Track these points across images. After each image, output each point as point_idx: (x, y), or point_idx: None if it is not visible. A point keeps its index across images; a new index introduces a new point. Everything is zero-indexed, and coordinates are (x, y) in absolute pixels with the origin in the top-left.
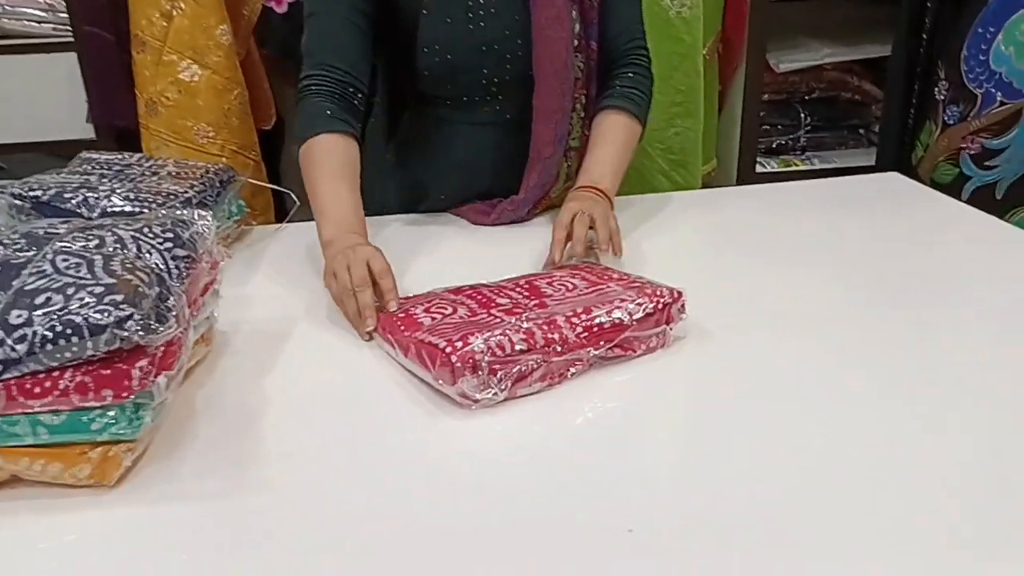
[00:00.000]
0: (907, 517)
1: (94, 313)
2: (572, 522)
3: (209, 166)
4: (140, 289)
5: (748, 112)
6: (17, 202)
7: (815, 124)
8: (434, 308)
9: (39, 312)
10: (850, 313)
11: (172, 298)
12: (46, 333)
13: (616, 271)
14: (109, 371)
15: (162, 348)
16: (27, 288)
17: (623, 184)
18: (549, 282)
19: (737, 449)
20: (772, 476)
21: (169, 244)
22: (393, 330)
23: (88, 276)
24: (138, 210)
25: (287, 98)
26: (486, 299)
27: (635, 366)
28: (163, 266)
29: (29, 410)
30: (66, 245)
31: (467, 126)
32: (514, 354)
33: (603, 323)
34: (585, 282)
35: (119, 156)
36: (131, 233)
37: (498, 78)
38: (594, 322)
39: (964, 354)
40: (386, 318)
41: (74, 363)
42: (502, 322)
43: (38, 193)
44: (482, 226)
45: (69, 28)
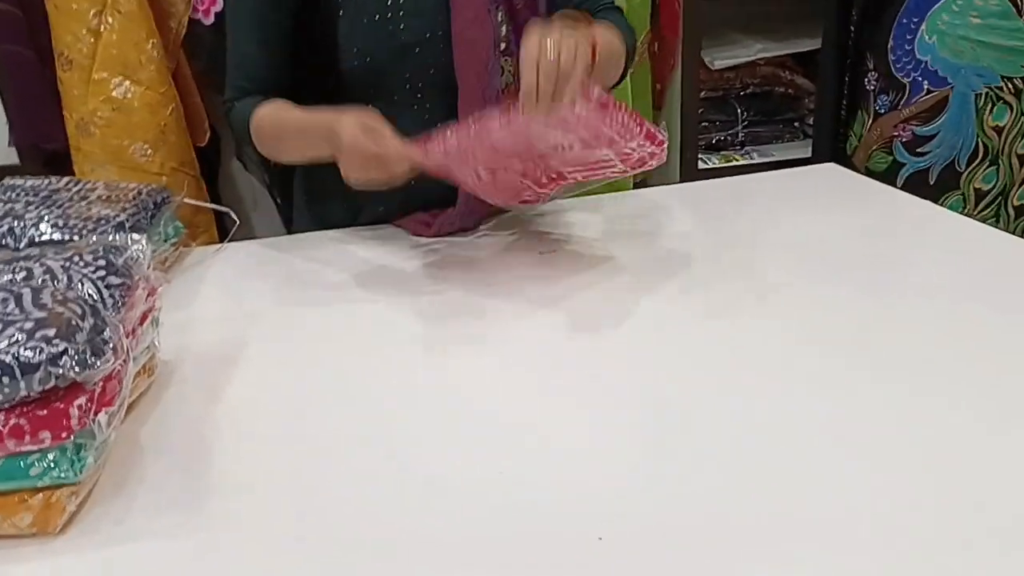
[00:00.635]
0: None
1: (25, 351)
2: (541, 531)
3: (142, 187)
4: (73, 322)
5: (686, 109)
6: None
7: (752, 119)
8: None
9: None
10: (802, 299)
11: (108, 329)
12: None
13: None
14: (45, 411)
15: (101, 383)
16: None
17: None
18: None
19: (708, 450)
20: (741, 475)
21: (102, 272)
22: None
23: (17, 312)
24: (68, 238)
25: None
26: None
27: (601, 363)
28: (97, 296)
29: None
30: None
31: (398, 133)
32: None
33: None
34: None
35: (46, 181)
36: (61, 263)
37: (422, 82)
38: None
39: (909, 331)
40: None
41: (7, 406)
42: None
43: None
44: (424, 238)
45: None
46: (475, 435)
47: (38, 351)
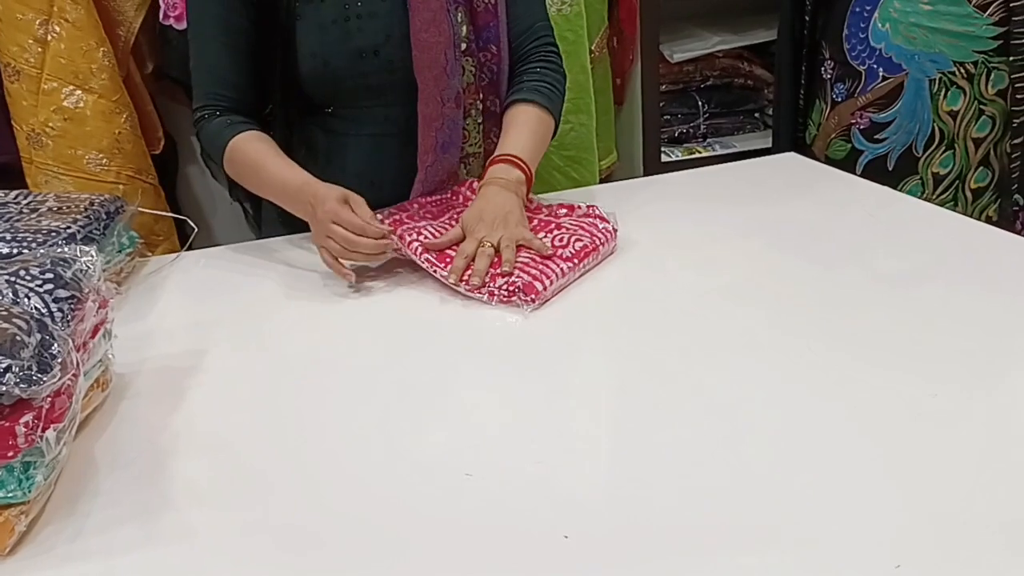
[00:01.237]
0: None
1: None
2: (507, 530)
3: (94, 197)
4: (18, 338)
5: (648, 103)
6: None
7: (712, 111)
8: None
9: None
10: (764, 287)
11: (56, 344)
12: None
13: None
14: None
15: (49, 399)
16: None
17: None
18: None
19: (674, 447)
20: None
21: (50, 286)
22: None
23: None
24: (16, 251)
25: (176, 118)
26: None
27: (568, 361)
28: (44, 310)
29: None
30: None
31: (357, 137)
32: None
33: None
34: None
35: None
36: (5, 277)
37: (382, 85)
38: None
39: (870, 313)
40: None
41: None
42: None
43: None
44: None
45: None
46: (440, 437)
47: None
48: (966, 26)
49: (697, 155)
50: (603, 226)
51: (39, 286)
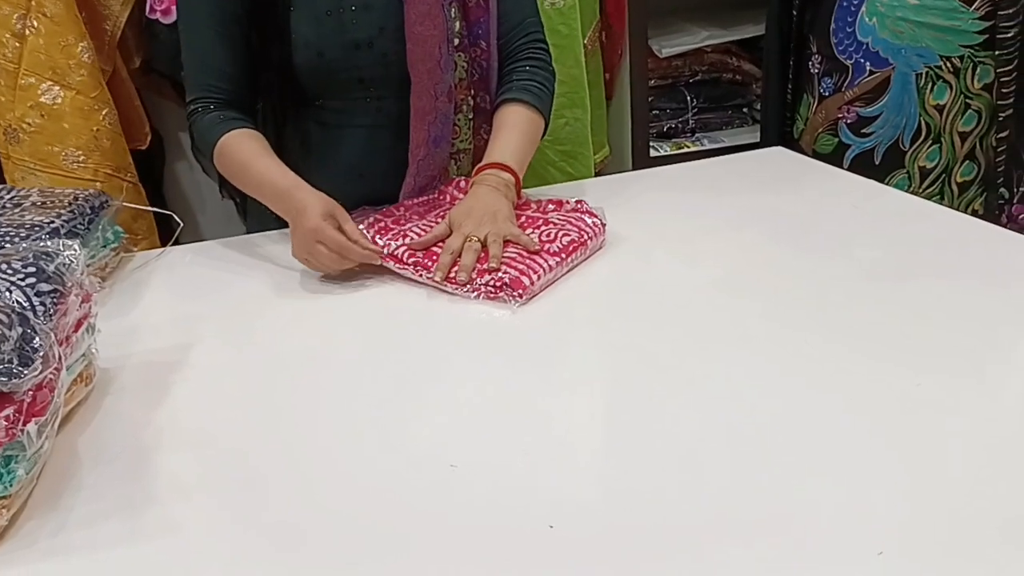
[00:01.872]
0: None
1: None
2: (492, 520)
3: (78, 192)
4: None
5: (636, 98)
6: None
7: (701, 106)
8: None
9: None
10: (752, 281)
11: (38, 338)
12: None
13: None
14: None
15: (30, 393)
16: None
17: None
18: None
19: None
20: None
21: (32, 279)
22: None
23: None
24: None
25: (163, 114)
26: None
27: (556, 351)
28: (26, 304)
29: None
30: None
31: (351, 129)
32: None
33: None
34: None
35: None
36: None
37: (375, 77)
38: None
39: (856, 306)
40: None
41: None
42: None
43: None
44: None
45: None
46: (428, 430)
47: None
48: (952, 20)
49: (686, 150)
50: (591, 221)
51: (21, 280)
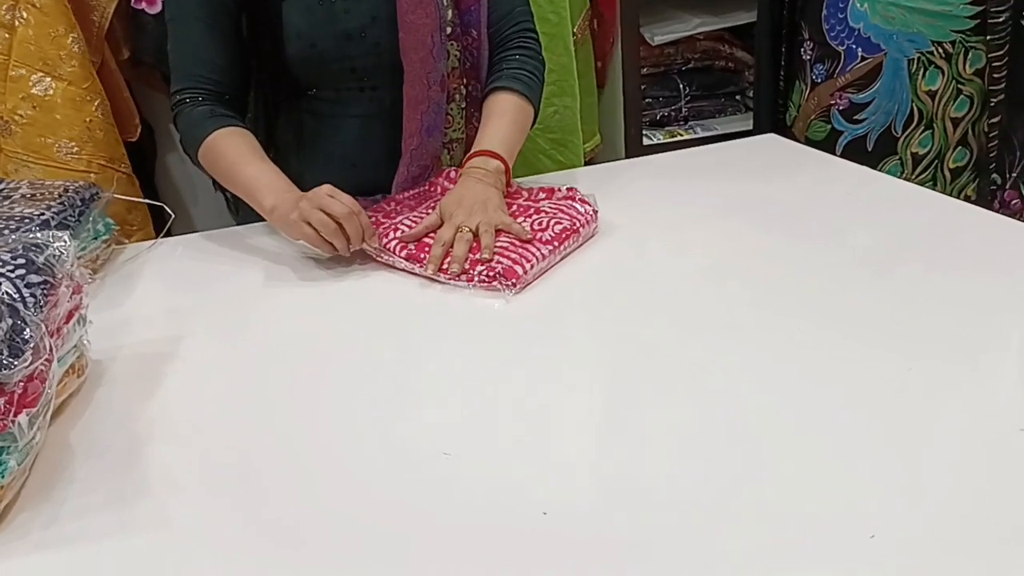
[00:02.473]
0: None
1: None
2: (486, 508)
3: (69, 184)
4: None
5: (628, 86)
6: None
7: (694, 94)
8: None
9: None
10: (746, 267)
11: (28, 329)
12: None
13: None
14: None
15: (21, 384)
16: None
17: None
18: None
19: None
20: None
21: (21, 271)
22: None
23: None
24: None
25: (153, 105)
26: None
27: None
28: (16, 295)
29: None
30: None
31: (344, 119)
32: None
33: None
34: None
35: None
36: None
37: (368, 67)
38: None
39: (850, 293)
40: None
41: None
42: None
43: None
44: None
45: None
46: (421, 419)
47: None
48: (943, 5)
49: (678, 138)
50: (583, 208)
51: (11, 271)
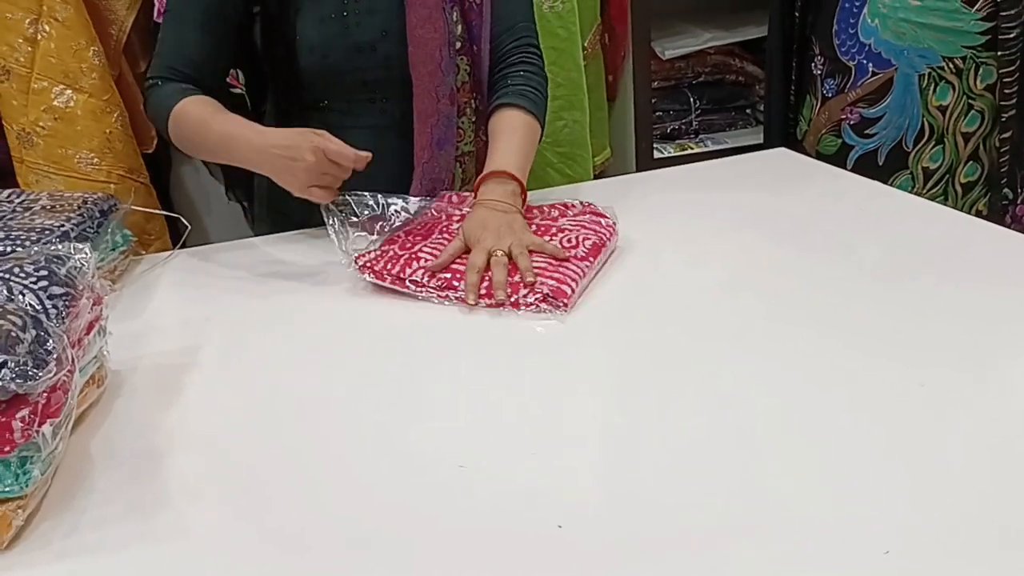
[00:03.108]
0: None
1: None
2: (501, 520)
3: (88, 196)
4: (13, 334)
5: (639, 100)
6: None
7: (704, 107)
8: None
9: None
10: (759, 280)
11: (51, 340)
12: None
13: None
14: None
15: (45, 395)
16: None
17: None
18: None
19: (666, 438)
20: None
21: (44, 283)
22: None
23: None
24: (10, 249)
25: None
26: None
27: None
28: (39, 307)
29: None
30: None
31: (356, 131)
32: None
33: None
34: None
35: None
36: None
37: (379, 80)
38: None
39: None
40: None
41: None
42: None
43: None
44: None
45: None
46: (436, 432)
47: None
48: (954, 21)
49: (689, 151)
50: (604, 222)
51: (33, 283)
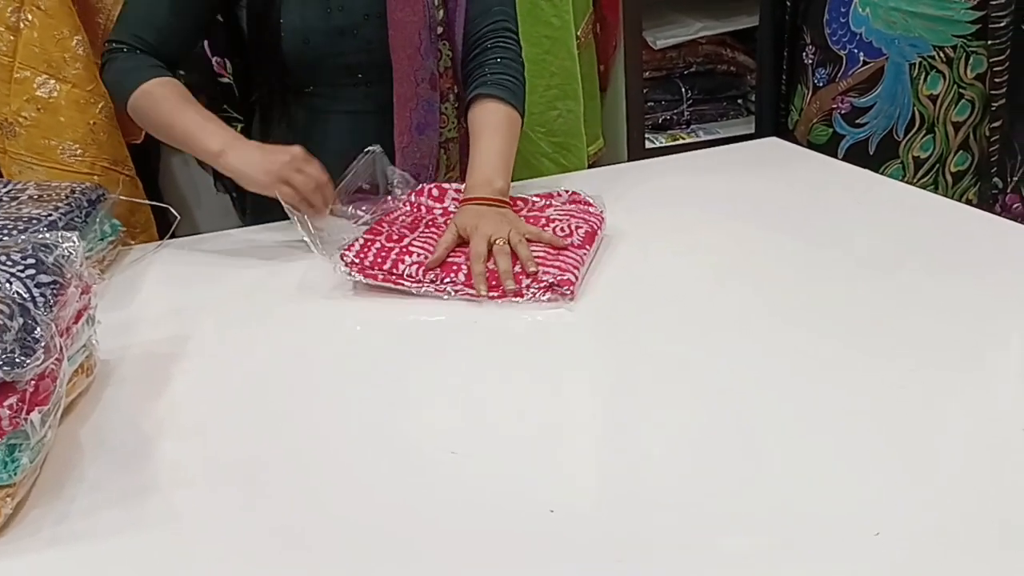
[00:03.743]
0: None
1: None
2: (493, 505)
3: (75, 185)
4: (0, 322)
5: (631, 90)
6: None
7: (696, 97)
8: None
9: None
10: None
11: (39, 328)
12: None
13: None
14: None
15: (33, 383)
16: None
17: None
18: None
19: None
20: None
21: (31, 271)
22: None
23: None
24: None
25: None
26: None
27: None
28: (26, 295)
29: None
30: None
31: (338, 115)
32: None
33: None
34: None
35: None
36: None
37: (362, 64)
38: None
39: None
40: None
41: None
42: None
43: None
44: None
45: None
46: (428, 419)
47: None
48: (944, 10)
49: (681, 141)
50: (593, 210)
51: (20, 271)
